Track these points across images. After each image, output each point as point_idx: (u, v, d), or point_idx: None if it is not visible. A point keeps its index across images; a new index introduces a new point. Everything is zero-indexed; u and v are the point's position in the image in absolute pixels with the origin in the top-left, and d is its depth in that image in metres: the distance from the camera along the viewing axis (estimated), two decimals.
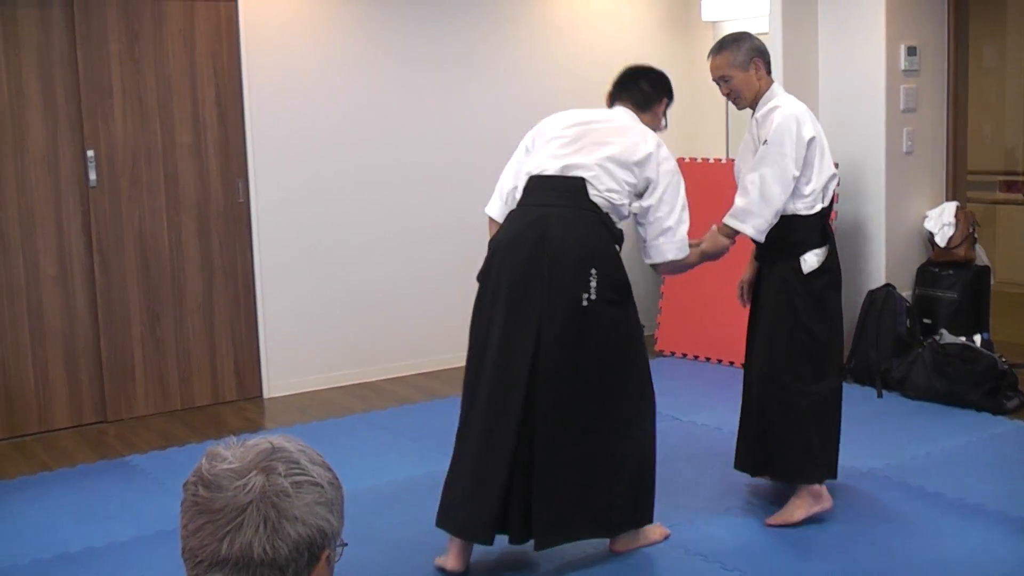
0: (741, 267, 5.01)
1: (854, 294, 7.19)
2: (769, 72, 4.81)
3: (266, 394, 7.14)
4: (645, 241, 4.43)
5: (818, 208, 4.69)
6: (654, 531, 4.61)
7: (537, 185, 4.35)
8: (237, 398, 7.07)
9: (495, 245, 4.40)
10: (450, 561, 4.38)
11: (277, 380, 7.17)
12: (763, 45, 4.83)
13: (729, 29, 8.40)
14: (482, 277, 4.42)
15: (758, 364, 4.82)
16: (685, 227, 4.43)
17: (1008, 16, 8.84)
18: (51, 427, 6.50)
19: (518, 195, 4.43)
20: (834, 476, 4.84)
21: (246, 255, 7.01)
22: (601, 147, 4.32)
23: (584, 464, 4.27)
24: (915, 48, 7.23)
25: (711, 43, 8.45)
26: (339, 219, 7.31)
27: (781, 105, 4.66)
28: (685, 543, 4.59)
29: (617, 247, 4.31)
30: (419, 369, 7.67)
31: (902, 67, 7.20)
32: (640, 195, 4.36)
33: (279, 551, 1.65)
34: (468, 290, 7.72)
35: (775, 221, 4.63)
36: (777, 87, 4.79)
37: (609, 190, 4.28)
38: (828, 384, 4.76)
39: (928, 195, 7.43)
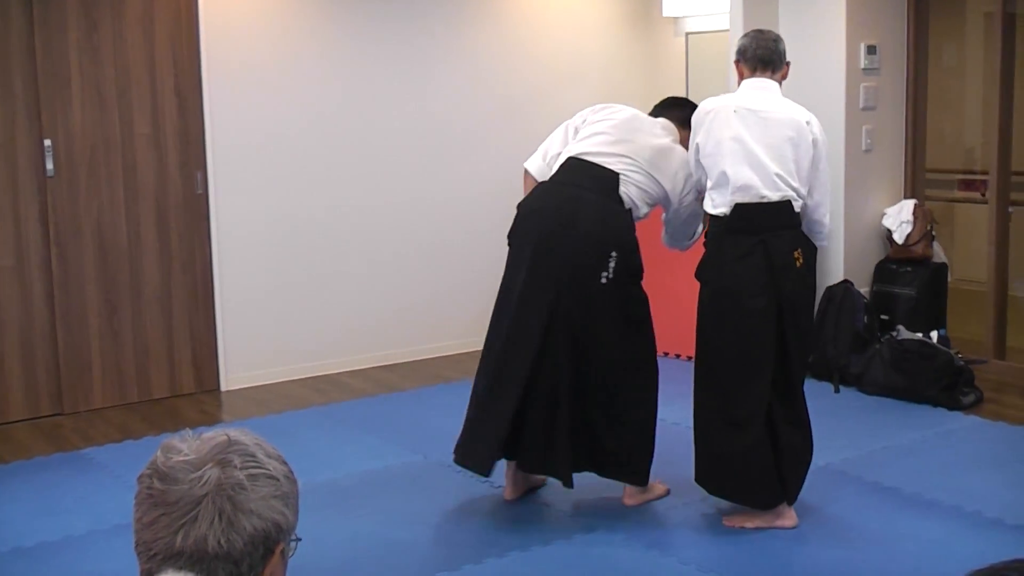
0: (695, 263, 4.97)
1: None
2: (755, 70, 4.72)
3: (224, 387, 7.10)
4: (669, 226, 5.09)
5: (720, 211, 4.61)
6: (657, 487, 5.04)
7: (576, 167, 4.80)
8: (195, 391, 7.03)
9: (526, 211, 4.83)
10: (507, 491, 5.04)
11: (235, 373, 7.14)
12: (743, 43, 4.77)
13: (690, 25, 8.44)
14: (512, 238, 4.88)
15: None
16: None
17: (967, 16, 8.89)
18: (6, 419, 6.44)
19: (555, 167, 4.88)
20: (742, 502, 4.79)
21: (204, 247, 6.97)
22: (642, 156, 4.81)
23: (597, 417, 4.74)
24: (875, 47, 7.27)
25: (672, 38, 8.57)
26: (297, 212, 7.27)
27: None
28: (645, 538, 4.61)
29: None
30: (378, 362, 7.65)
31: (862, 65, 7.23)
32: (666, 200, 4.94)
33: (234, 544, 1.64)
34: (426, 285, 7.76)
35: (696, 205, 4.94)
36: (745, 83, 4.75)
37: (637, 191, 4.78)
38: (706, 402, 4.74)
39: (887, 193, 7.47)
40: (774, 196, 4.53)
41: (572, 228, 4.62)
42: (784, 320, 4.55)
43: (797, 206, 4.59)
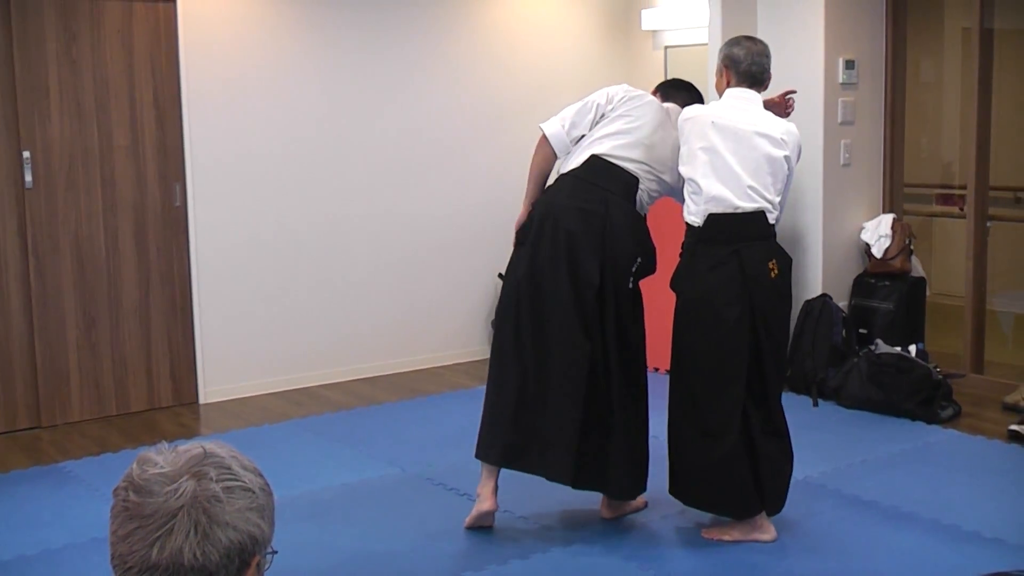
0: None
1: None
2: (743, 80, 4.78)
3: (202, 399, 7.08)
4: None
5: (693, 221, 4.65)
6: (635, 500, 5.00)
7: (602, 168, 4.73)
8: (173, 403, 7.00)
9: (552, 208, 4.70)
10: (486, 503, 4.77)
11: (213, 385, 7.12)
12: (736, 52, 4.81)
13: (669, 39, 8.46)
14: (533, 235, 4.71)
15: None
16: None
17: (945, 31, 8.94)
18: None
19: (577, 154, 4.80)
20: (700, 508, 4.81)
21: (183, 259, 6.95)
22: (660, 161, 4.83)
23: (636, 427, 4.77)
24: (853, 62, 7.29)
25: (651, 51, 8.59)
26: (276, 224, 7.26)
27: None
28: (623, 550, 4.61)
29: None
30: (356, 375, 7.64)
31: (840, 80, 7.26)
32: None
33: (209, 557, 1.63)
34: (406, 297, 7.75)
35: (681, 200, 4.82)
36: (729, 92, 4.80)
37: (647, 196, 4.83)
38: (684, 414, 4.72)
39: (865, 207, 7.50)
40: (748, 207, 4.56)
41: (610, 231, 4.61)
42: (758, 330, 4.57)
43: (771, 217, 4.61)
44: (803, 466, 5.46)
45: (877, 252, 7.27)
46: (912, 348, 6.72)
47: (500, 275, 8.12)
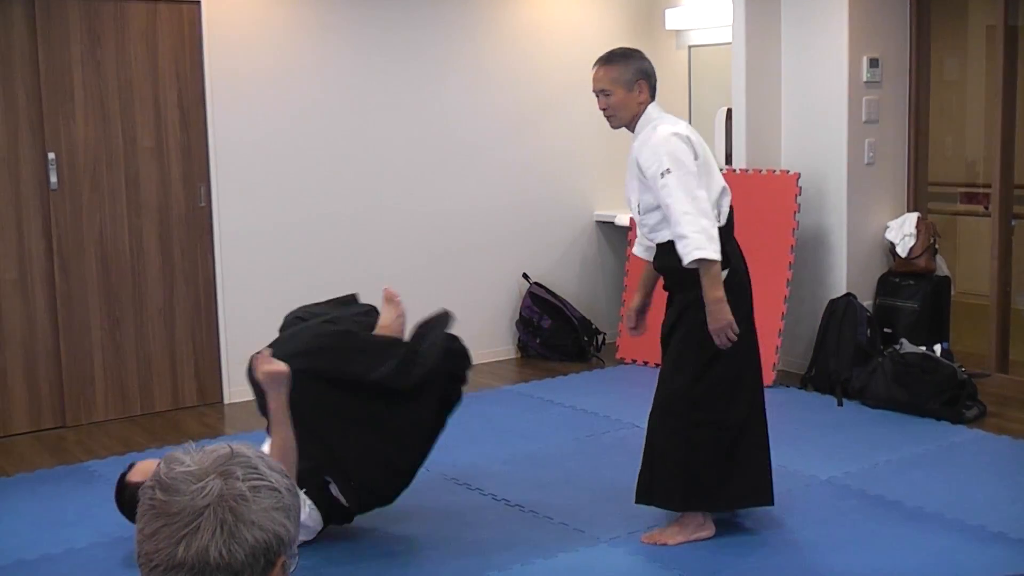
0: None
1: (815, 304, 7.23)
2: (653, 97, 4.69)
3: (226, 400, 7.10)
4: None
5: (722, 222, 4.57)
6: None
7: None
8: (197, 403, 7.03)
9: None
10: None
11: (238, 386, 7.12)
12: (652, 68, 4.72)
13: (692, 38, 8.44)
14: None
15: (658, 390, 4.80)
16: None
17: (969, 28, 8.90)
18: (9, 432, 6.44)
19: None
20: (712, 509, 4.73)
21: (207, 260, 6.97)
22: None
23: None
24: (877, 60, 7.27)
25: (674, 51, 8.57)
26: (300, 224, 7.28)
27: (661, 125, 4.57)
28: (647, 551, 4.61)
29: None
30: None
31: (864, 79, 7.24)
32: None
33: (235, 555, 1.63)
34: (431, 297, 7.73)
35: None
36: (654, 108, 4.66)
37: None
38: (726, 414, 4.64)
39: (889, 206, 7.47)
40: None
41: None
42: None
43: None
44: (828, 466, 5.47)
45: (902, 251, 7.24)
46: (937, 347, 6.69)
47: (524, 275, 8.13)
